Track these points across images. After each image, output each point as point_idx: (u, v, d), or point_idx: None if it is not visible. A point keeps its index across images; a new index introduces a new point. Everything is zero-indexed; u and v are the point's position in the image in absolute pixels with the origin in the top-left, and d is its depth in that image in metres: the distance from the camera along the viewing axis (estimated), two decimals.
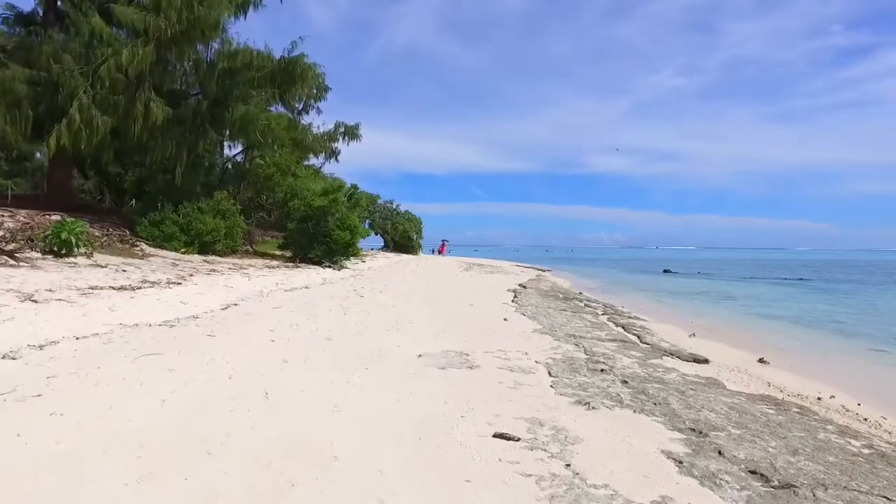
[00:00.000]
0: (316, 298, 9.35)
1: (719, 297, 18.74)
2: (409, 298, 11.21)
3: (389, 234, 43.33)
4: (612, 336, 8.79)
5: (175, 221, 14.18)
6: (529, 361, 6.20)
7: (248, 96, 15.18)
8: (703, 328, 11.49)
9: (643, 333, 9.55)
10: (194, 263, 12.76)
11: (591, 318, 11.05)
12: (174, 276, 9.79)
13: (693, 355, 7.52)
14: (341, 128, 40.45)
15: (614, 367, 6.29)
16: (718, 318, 13.47)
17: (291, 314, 7.45)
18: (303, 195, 16.73)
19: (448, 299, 11.99)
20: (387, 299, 10.56)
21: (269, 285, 10.22)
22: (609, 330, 9.53)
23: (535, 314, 10.75)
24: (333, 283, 12.63)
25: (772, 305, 16.13)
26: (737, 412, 4.67)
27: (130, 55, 11.58)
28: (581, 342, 7.77)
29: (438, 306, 10.45)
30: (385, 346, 6.22)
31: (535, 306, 12.27)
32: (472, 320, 9.05)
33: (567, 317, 10.94)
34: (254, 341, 5.55)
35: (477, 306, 11.18)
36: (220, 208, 15.40)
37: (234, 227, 15.32)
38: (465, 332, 7.82)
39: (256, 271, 12.88)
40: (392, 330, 7.29)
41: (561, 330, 8.88)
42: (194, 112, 14.14)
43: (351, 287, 11.95)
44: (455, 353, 6.24)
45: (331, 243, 16.36)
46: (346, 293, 10.76)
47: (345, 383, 4.44)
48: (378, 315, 8.46)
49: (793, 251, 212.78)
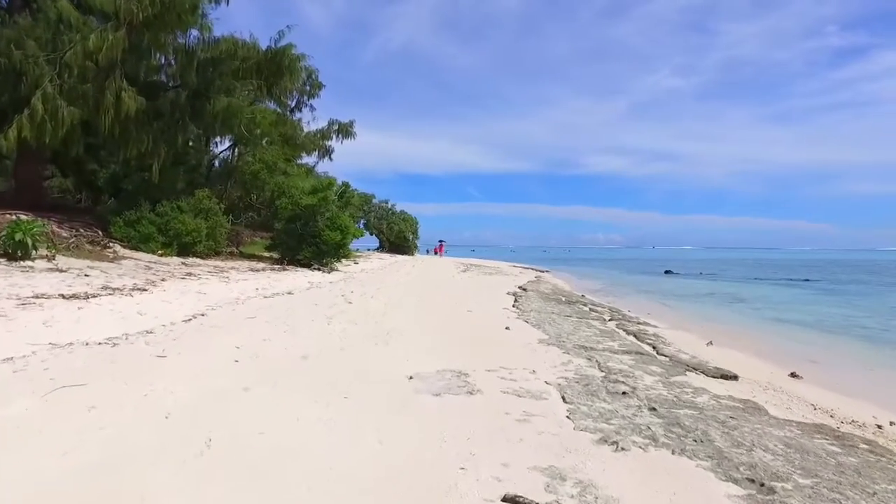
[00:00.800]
0: (298, 306, 8.47)
1: (728, 300, 17.96)
2: (402, 304, 10.34)
3: (385, 235, 42.43)
4: (625, 347, 7.95)
5: (152, 221, 13.26)
6: (538, 382, 5.35)
7: (231, 88, 14.28)
8: (718, 335, 10.68)
9: (658, 343, 8.74)
10: (171, 266, 11.85)
11: (598, 325, 10.22)
12: (143, 281, 8.89)
13: (719, 370, 6.69)
14: (335, 125, 39.55)
15: (636, 387, 5.45)
16: (732, 323, 12.68)
17: (266, 326, 6.57)
18: (291, 193, 15.82)
19: (444, 305, 11.13)
20: (378, 306, 9.69)
21: (249, 291, 9.34)
22: (621, 339, 8.70)
23: (538, 321, 9.91)
24: (321, 287, 11.74)
25: (785, 309, 15.35)
26: (796, 451, 3.83)
27: (99, 40, 10.66)
28: (593, 355, 6.93)
29: (434, 313, 9.59)
30: (371, 364, 5.35)
31: (538, 312, 11.43)
32: (470, 330, 8.19)
33: (573, 324, 10.10)
34: (212, 362, 4.67)
35: (476, 312, 10.33)
36: (201, 207, 14.48)
37: (217, 228, 14.41)
38: (463, 344, 6.97)
39: (238, 275, 11.98)
40: (381, 344, 6.43)
41: (569, 340, 8.04)
42: (173, 104, 13.22)
43: (339, 292, 11.07)
44: (452, 372, 5.38)
45: (320, 244, 15.46)
46: (334, 299, 9.88)
47: (316, 419, 3.57)
48: (366, 325, 7.59)
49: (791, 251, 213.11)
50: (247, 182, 18.00)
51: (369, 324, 7.76)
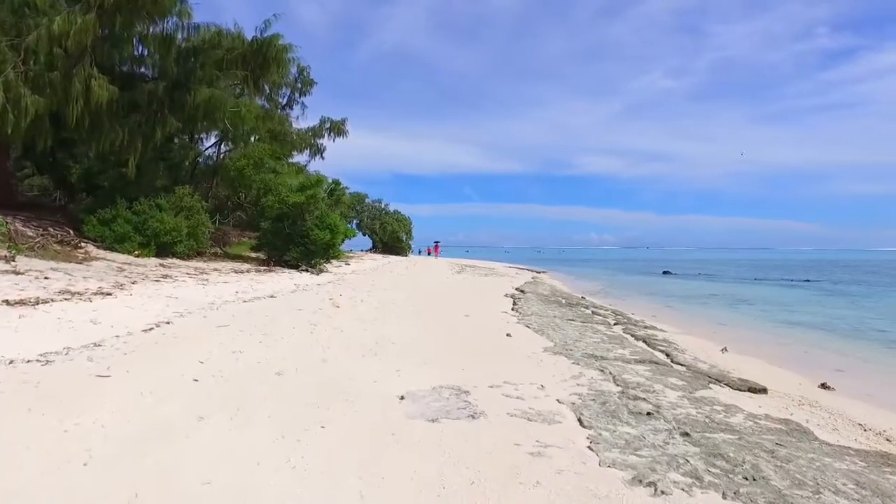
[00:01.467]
0: (279, 311, 7.72)
1: (732, 301, 17.39)
2: (394, 308, 9.62)
3: (378, 235, 41.63)
4: (637, 355, 7.28)
5: (128, 220, 12.44)
6: (549, 401, 4.66)
7: (214, 79, 13.48)
8: (731, 340, 10.06)
9: (671, 349, 8.08)
10: (147, 268, 11.05)
11: (604, 330, 9.55)
12: (110, 284, 8.11)
13: (745, 382, 6.03)
14: (327, 123, 38.78)
15: (660, 405, 4.77)
16: (742, 326, 12.07)
17: (239, 335, 5.83)
18: (278, 191, 15.03)
19: (440, 308, 10.42)
20: (367, 310, 8.96)
21: (227, 294, 8.58)
22: (631, 346, 8.03)
23: (541, 326, 9.22)
24: (308, 289, 10.99)
25: (793, 311, 14.77)
26: (873, 493, 3.14)
27: (65, 23, 9.83)
28: (605, 366, 6.25)
29: (429, 318, 8.87)
30: (357, 381, 4.63)
31: (540, 315, 10.75)
32: (469, 337, 7.49)
33: (578, 329, 9.43)
34: (166, 383, 3.94)
35: (474, 317, 9.63)
36: (182, 205, 13.67)
37: (199, 227, 13.60)
38: (461, 354, 6.27)
39: (219, 277, 11.20)
40: (369, 355, 5.71)
41: (576, 348, 7.36)
42: (150, 96, 12.39)
43: (327, 295, 10.33)
44: (450, 389, 4.68)
45: (308, 244, 14.69)
46: (320, 303, 9.14)
47: (282, 462, 2.85)
48: (354, 333, 6.86)
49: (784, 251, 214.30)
50: (234, 180, 17.18)
51: (357, 331, 7.04)
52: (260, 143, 16.43)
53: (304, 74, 40.21)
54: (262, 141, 17.55)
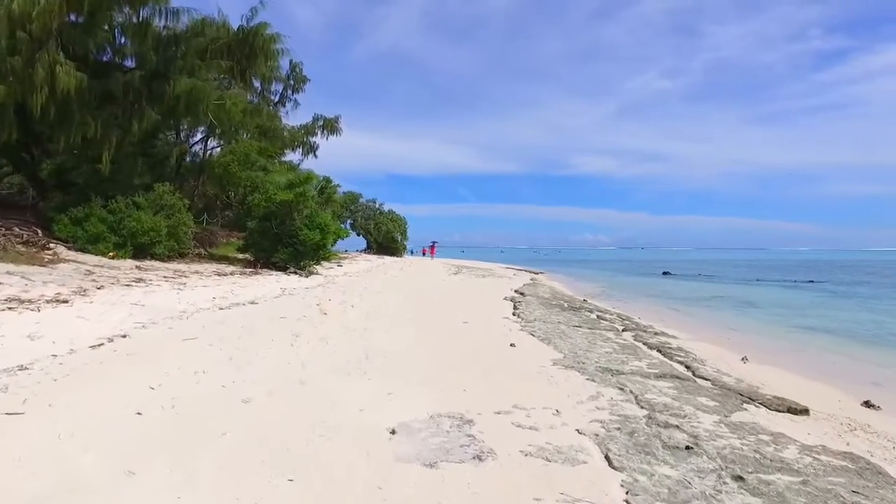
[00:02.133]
0: (259, 320, 6.95)
1: (738, 304, 16.76)
2: (386, 315, 8.87)
3: (372, 235, 40.82)
4: (655, 367, 6.58)
5: (103, 219, 11.61)
6: (568, 431, 3.94)
7: (195, 69, 12.66)
8: (748, 347, 9.40)
9: (690, 361, 7.38)
10: (120, 270, 10.25)
11: (614, 338, 8.84)
12: (72, 290, 7.31)
13: (783, 401, 5.34)
14: (320, 121, 37.93)
15: (697, 435, 4.06)
16: (755, 331, 11.42)
17: (206, 351, 5.07)
18: (265, 189, 14.23)
19: (436, 314, 9.68)
20: (357, 317, 8.21)
21: (203, 301, 7.80)
22: (646, 357, 7.32)
23: (546, 334, 8.50)
24: (294, 294, 10.22)
25: (805, 314, 14.15)
26: None
27: (27, 4, 9.03)
28: (624, 383, 5.54)
29: (424, 326, 8.14)
30: (340, 408, 3.89)
31: (543, 321, 10.03)
32: (469, 347, 6.76)
33: (585, 336, 8.71)
34: (98, 420, 3.17)
35: (473, 324, 8.90)
36: (162, 204, 12.85)
37: (180, 227, 12.78)
38: (461, 368, 5.54)
39: (199, 280, 10.41)
40: (356, 373, 4.96)
41: (588, 360, 6.64)
42: (126, 86, 11.57)
43: (315, 300, 9.56)
44: (450, 418, 3.94)
45: (297, 245, 13.91)
46: (306, 309, 8.37)
47: None
48: (341, 345, 6.12)
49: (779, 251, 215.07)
50: (221, 178, 16.36)
51: (345, 342, 6.28)
52: (247, 140, 15.61)
53: (297, 70, 39.32)
54: (251, 137, 16.73)
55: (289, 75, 39.54)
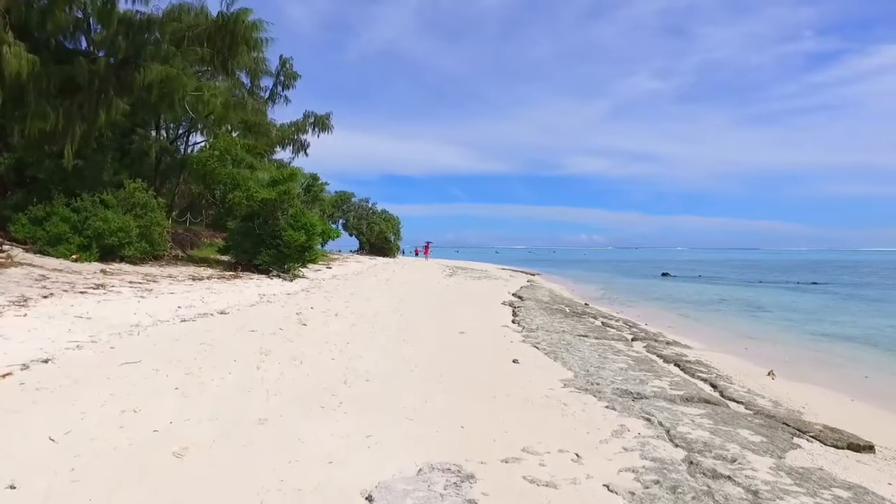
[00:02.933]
0: (224, 335, 6.05)
1: (747, 308, 16.03)
2: (374, 325, 8.00)
3: (365, 236, 39.85)
4: (678, 387, 5.75)
5: (66, 218, 10.64)
6: (594, 487, 3.09)
7: (170, 56, 11.68)
8: (770, 359, 8.64)
9: (714, 378, 6.58)
10: (81, 275, 9.29)
11: (625, 350, 8.02)
12: (9, 300, 6.38)
13: (840, 435, 4.53)
14: (310, 118, 36.95)
15: (756, 490, 3.22)
16: (773, 339, 10.65)
17: (149, 379, 4.17)
18: (246, 186, 13.29)
19: (429, 323, 8.82)
20: (341, 329, 7.33)
21: (165, 311, 6.89)
22: (666, 374, 6.50)
23: (551, 345, 7.67)
24: (273, 301, 9.30)
25: (819, 319, 13.41)
26: None
27: None
28: (650, 410, 4.72)
29: (416, 338, 7.27)
30: (302, 463, 3.01)
31: (546, 330, 9.19)
32: (466, 366, 5.89)
33: (594, 348, 7.88)
34: None
35: (470, 334, 8.04)
36: (134, 202, 11.88)
37: (153, 227, 11.81)
38: (458, 395, 4.69)
39: (169, 286, 9.47)
40: (331, 406, 4.09)
41: (602, 379, 5.81)
42: (91, 73, 10.58)
43: (295, 308, 8.66)
44: (445, 472, 3.08)
45: (281, 246, 12.98)
46: (283, 320, 7.48)
47: None
48: (317, 365, 5.24)
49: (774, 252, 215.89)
50: (202, 175, 15.38)
51: (322, 362, 5.40)
52: (228, 135, 14.65)
53: (287, 66, 38.34)
54: (238, 134, 15.77)
55: (278, 71, 38.53)
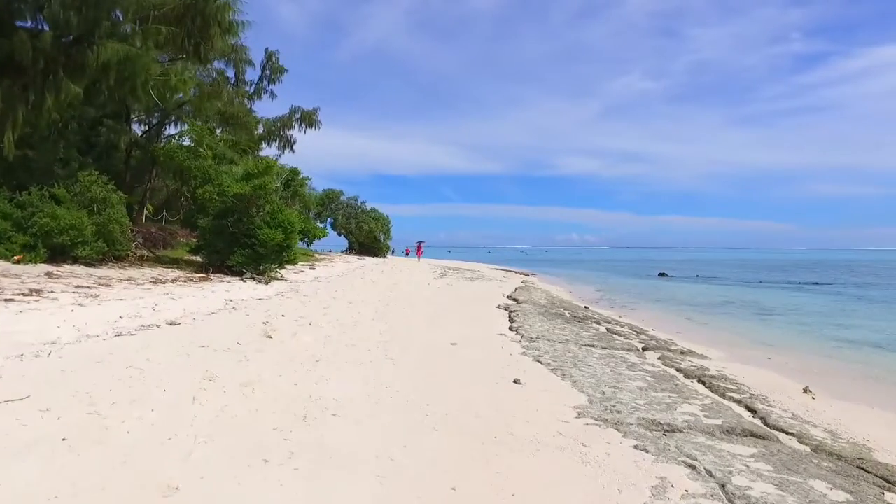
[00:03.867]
0: (164, 354, 4.97)
1: (755, 310, 15.19)
2: (352, 336, 6.95)
3: (354, 235, 38.67)
4: (712, 414, 4.79)
5: (7, 214, 9.48)
6: None
7: (131, 35, 10.51)
8: (799, 369, 7.75)
9: (748, 398, 5.63)
10: (20, 279, 8.15)
11: (639, 363, 7.05)
12: None
13: None
14: (297, 113, 35.72)
15: None
16: (793, 346, 9.76)
17: (30, 425, 3.10)
18: (219, 180, 12.15)
19: (418, 331, 7.79)
20: (312, 342, 6.27)
21: (100, 323, 5.77)
22: (693, 394, 5.53)
23: (556, 359, 6.67)
24: (240, 308, 8.21)
25: (835, 323, 12.57)
26: None
27: None
28: (689, 450, 3.75)
29: (400, 352, 6.24)
30: None
31: (548, 339, 8.20)
32: (459, 390, 4.88)
33: (604, 361, 6.90)
34: None
35: (463, 346, 7.02)
36: (91, 196, 10.72)
37: (111, 224, 10.64)
38: (447, 441, 3.65)
39: (123, 291, 8.35)
40: (277, 458, 3.06)
41: (622, 404, 4.83)
42: (36, 51, 9.39)
43: (263, 316, 7.58)
44: None
45: (256, 246, 11.87)
46: (245, 332, 6.40)
47: None
48: (272, 395, 4.20)
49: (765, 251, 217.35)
50: (172, 168, 14.20)
51: (279, 391, 4.35)
52: (200, 124, 13.49)
53: (273, 60, 37.07)
54: (208, 119, 14.61)
55: (264, 65, 37.23)
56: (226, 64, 19.93)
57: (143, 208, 16.54)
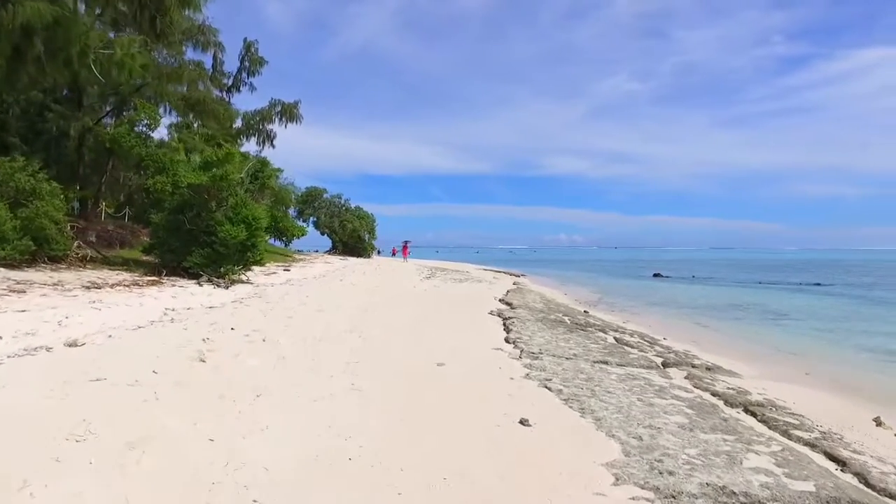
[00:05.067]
0: (30, 394, 3.55)
1: (766, 314, 14.12)
2: (314, 356, 5.57)
3: (337, 235, 37.07)
4: (795, 472, 3.51)
5: None
6: None
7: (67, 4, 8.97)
8: (846, 388, 6.59)
9: (818, 438, 4.39)
10: None
11: (666, 386, 5.80)
12: None
13: None
14: (277, 106, 34.05)
15: None
16: (829, 359, 8.62)
17: None
18: (173, 170, 10.64)
19: (397, 347, 6.43)
20: (258, 367, 4.88)
21: None
22: (752, 434, 4.26)
23: (568, 384, 5.37)
24: (181, 319, 6.75)
25: (860, 330, 11.50)
26: None
27: None
28: None
29: (372, 379, 4.89)
30: None
31: (554, 355, 6.89)
32: (446, 444, 3.52)
33: (625, 383, 5.63)
34: None
35: (453, 366, 5.68)
36: (15, 186, 9.16)
37: (37, 219, 9.07)
38: None
39: (39, 299, 6.85)
40: None
41: (671, 458, 3.54)
42: None
43: (207, 331, 6.14)
44: None
45: (216, 245, 10.39)
46: (170, 355, 4.97)
47: None
48: (162, 468, 2.79)
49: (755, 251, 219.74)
50: (126, 156, 12.61)
51: (181, 454, 2.97)
52: (149, 104, 11.93)
53: (252, 50, 35.29)
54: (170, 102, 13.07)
55: (242, 56, 35.45)
56: (194, 48, 18.34)
57: (97, 203, 14.91)
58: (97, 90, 14.99)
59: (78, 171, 15.27)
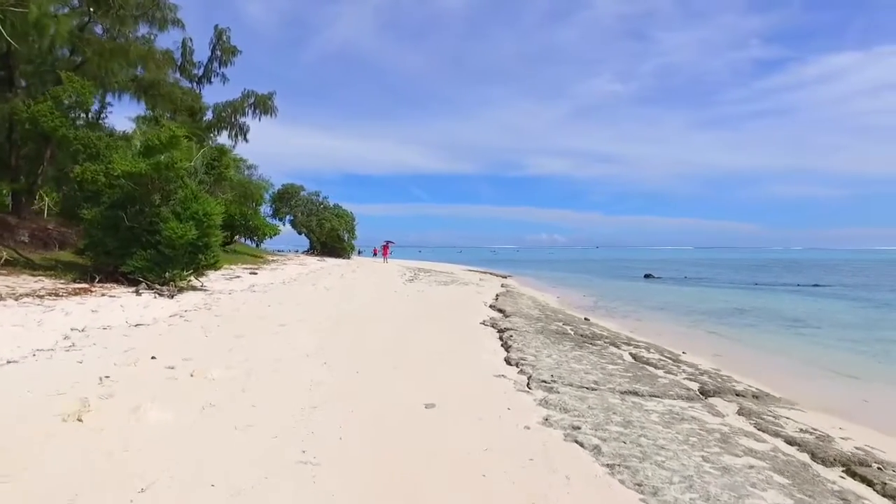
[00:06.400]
0: None
1: (781, 320, 13.01)
2: (255, 401, 4.04)
3: (315, 234, 35.19)
4: None
5: None
6: None
7: None
8: None
9: None
10: None
11: (728, 432, 4.44)
12: None
13: None
14: (251, 98, 32.21)
15: None
16: (879, 376, 7.40)
17: None
18: (108, 157, 8.92)
19: (372, 382, 4.94)
20: (158, 428, 3.32)
21: None
22: None
23: (599, 431, 4.00)
24: (86, 345, 5.13)
25: (887, 338, 10.40)
26: None
27: None
28: None
29: (332, 445, 3.38)
30: None
31: (570, 384, 5.49)
32: None
33: (674, 430, 4.27)
34: None
35: (444, 407, 4.24)
36: None
37: None
38: None
39: None
40: None
41: None
42: None
43: (117, 360, 4.58)
44: None
45: (161, 246, 8.70)
46: (34, 409, 3.40)
47: None
48: None
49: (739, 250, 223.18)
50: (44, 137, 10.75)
51: None
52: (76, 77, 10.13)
53: (224, 39, 33.22)
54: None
55: (213, 44, 33.34)
56: (150, 25, 16.43)
57: (31, 198, 13.02)
58: (31, 68, 13.08)
59: (10, 161, 13.32)
